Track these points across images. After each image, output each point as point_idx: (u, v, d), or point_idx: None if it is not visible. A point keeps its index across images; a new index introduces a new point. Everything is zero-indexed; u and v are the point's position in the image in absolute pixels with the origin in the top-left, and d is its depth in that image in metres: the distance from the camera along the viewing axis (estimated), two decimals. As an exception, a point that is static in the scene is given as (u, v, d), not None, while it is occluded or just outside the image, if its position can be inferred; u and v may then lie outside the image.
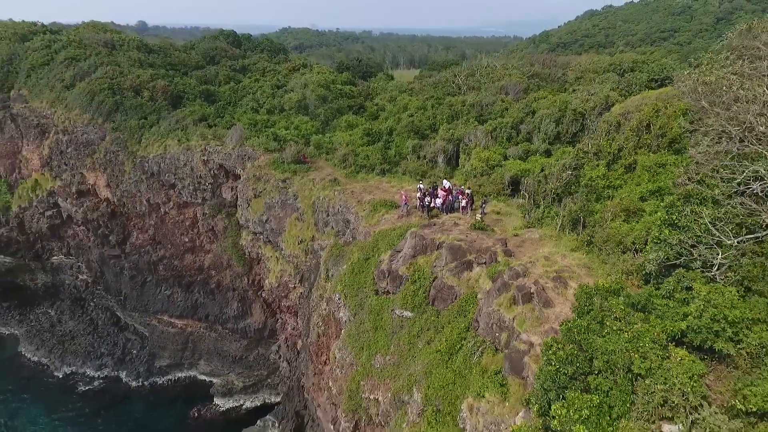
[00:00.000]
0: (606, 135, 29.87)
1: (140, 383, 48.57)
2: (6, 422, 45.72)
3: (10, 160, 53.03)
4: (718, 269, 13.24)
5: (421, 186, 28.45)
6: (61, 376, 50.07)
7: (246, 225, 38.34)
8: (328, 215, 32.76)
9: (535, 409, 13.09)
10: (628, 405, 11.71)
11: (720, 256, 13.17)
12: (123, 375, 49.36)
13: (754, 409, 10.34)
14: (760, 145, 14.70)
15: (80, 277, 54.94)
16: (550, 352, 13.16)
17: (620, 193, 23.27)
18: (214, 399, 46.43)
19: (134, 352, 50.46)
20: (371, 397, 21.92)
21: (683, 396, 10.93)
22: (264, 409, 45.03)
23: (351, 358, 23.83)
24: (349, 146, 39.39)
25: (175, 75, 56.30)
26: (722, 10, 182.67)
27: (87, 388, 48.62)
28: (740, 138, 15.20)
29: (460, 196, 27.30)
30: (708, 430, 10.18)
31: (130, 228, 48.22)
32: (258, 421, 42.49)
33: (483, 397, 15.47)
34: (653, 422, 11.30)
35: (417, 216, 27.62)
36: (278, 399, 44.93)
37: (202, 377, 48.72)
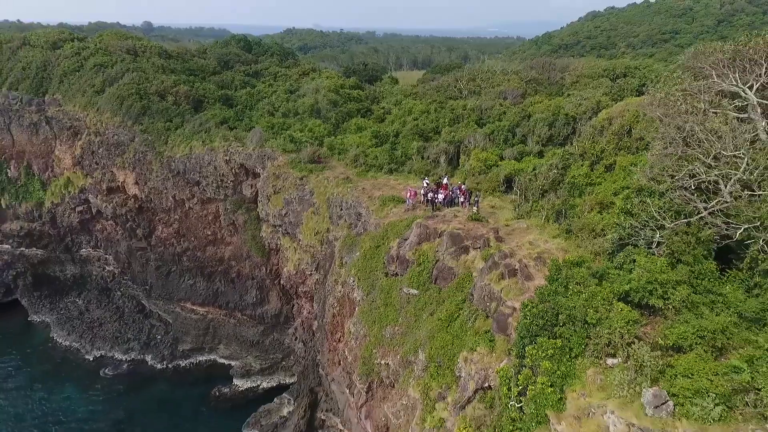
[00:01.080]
0: (591, 138, 33.58)
1: (165, 365, 52.55)
2: (44, 399, 49.86)
3: (43, 159, 57.07)
4: (657, 246, 16.95)
5: (426, 182, 32.23)
6: (91, 359, 54.14)
7: (266, 218, 42.22)
8: (341, 209, 36.54)
9: (514, 353, 16.86)
10: (583, 346, 15.42)
11: (659, 236, 16.89)
12: (149, 358, 53.35)
13: (670, 344, 14.05)
14: (698, 148, 18.36)
15: (107, 268, 58.99)
16: (527, 309, 16.91)
17: (597, 189, 26.98)
18: (234, 380, 50.36)
19: (159, 337, 54.50)
20: (383, 362, 25.72)
21: (621, 336, 14.64)
22: (279, 389, 48.83)
23: (365, 331, 27.64)
24: (359, 147, 43.22)
25: (195, 80, 60.21)
26: (723, 12, 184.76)
27: (116, 371, 52.66)
28: (683, 143, 18.88)
29: (459, 192, 31.08)
30: (635, 358, 13.87)
31: (155, 222, 52.16)
32: (275, 399, 46.31)
33: (475, 350, 19.25)
34: (600, 358, 15.02)
35: (421, 209, 31.39)
36: (292, 380, 48.81)
37: (222, 360, 52.64)
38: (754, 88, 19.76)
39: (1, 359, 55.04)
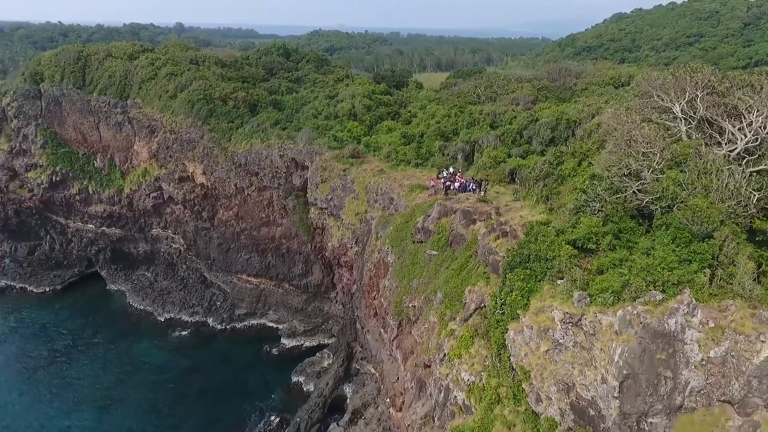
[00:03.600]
0: (581, 140, 41.67)
1: (224, 327, 62.62)
2: (126, 350, 60.45)
3: (124, 153, 67.88)
4: (598, 212, 25.29)
5: (445, 173, 40.95)
6: (162, 320, 64.66)
7: (314, 203, 51.53)
8: (377, 195, 45.49)
9: (500, 282, 25.45)
10: (543, 273, 23.86)
11: (599, 206, 25.23)
12: (210, 320, 63.51)
13: (595, 269, 22.40)
14: (635, 148, 26.55)
15: (173, 246, 69.55)
16: (509, 253, 25.51)
17: (576, 179, 35.19)
18: (281, 339, 60.00)
19: (218, 303, 64.63)
20: (410, 305, 34.56)
21: (566, 266, 23.07)
22: (319, 348, 58.18)
23: (396, 284, 36.54)
24: (390, 146, 52.11)
25: (248, 86, 70.16)
26: (750, 15, 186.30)
27: (184, 330, 63.01)
28: (626, 145, 27.07)
29: (472, 182, 39.70)
30: (572, 277, 22.24)
31: (218, 206, 62.18)
32: (317, 354, 55.75)
33: (476, 285, 27.91)
34: (553, 279, 23.46)
35: (441, 194, 40.08)
36: (331, 341, 58.13)
37: (271, 324, 62.41)
38: (681, 104, 27.89)
39: (88, 319, 66.17)
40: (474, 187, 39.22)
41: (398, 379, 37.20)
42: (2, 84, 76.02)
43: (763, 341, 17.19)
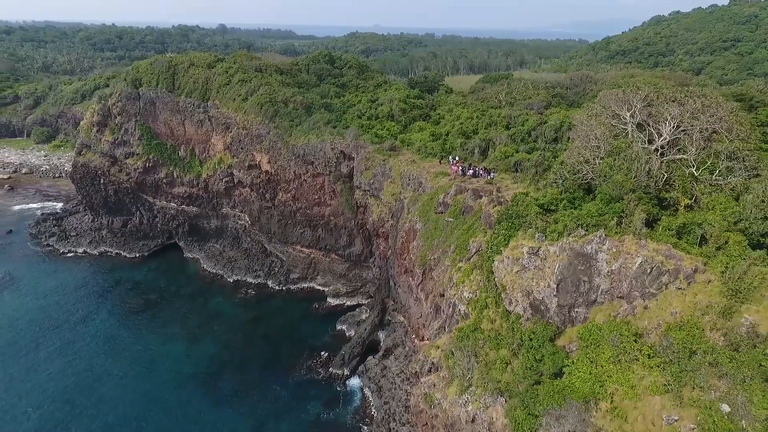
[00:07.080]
0: (571, 139, 52.69)
1: (281, 288, 76.47)
2: (203, 304, 75.11)
3: (203, 145, 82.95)
4: (561, 185, 36.89)
5: (453, 159, 52.96)
6: (231, 281, 79.19)
7: (359, 186, 64.46)
8: (409, 179, 57.91)
9: (492, 232, 37.43)
10: (520, 224, 35.70)
11: (561, 181, 36.83)
12: (269, 282, 77.50)
13: (552, 221, 34.10)
14: (590, 143, 37.94)
15: (239, 222, 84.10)
16: (499, 213, 37.46)
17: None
18: (327, 299, 73.28)
19: (276, 269, 78.61)
20: (432, 257, 46.85)
21: (534, 219, 34.83)
22: (359, 306, 71.12)
23: (422, 243, 48.90)
24: (421, 142, 64.45)
25: (304, 91, 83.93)
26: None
27: (249, 289, 77.37)
28: (585, 140, 38.49)
29: (482, 170, 51.60)
30: (537, 225, 33.94)
31: (278, 189, 76.05)
32: (356, 309, 68.70)
33: (476, 236, 39.97)
34: (526, 229, 35.24)
35: (459, 179, 52.11)
36: (368, 301, 70.92)
37: (319, 287, 75.83)
38: (630, 113, 39.08)
39: (171, 279, 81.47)
40: (483, 174, 51.13)
41: (421, 315, 49.57)
42: (107, 77, 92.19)
43: (638, 257, 28.73)
